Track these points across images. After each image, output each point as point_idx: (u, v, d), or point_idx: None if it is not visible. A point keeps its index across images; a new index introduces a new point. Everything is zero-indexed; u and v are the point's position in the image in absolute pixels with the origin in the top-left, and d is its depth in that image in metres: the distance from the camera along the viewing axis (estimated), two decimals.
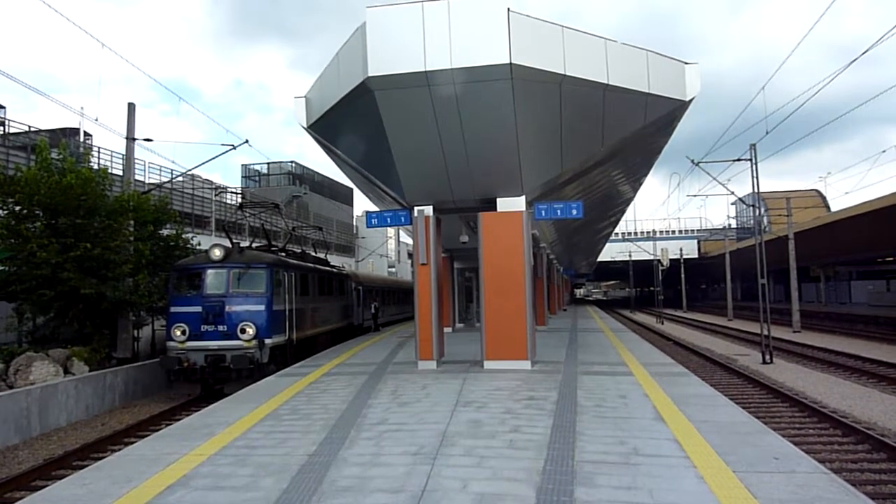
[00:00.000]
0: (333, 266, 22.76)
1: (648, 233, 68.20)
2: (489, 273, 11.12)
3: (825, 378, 15.61)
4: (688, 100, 10.18)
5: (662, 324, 39.41)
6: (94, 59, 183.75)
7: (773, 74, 35.77)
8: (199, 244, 18.49)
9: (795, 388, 14.01)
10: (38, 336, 14.61)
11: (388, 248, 63.84)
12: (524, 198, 11.03)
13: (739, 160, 19.94)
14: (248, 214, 20.79)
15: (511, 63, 8.62)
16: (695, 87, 10.09)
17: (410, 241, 18.19)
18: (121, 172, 18.92)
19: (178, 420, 9.44)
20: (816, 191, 66.17)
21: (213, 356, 12.87)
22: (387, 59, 8.89)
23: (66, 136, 21.92)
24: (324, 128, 11.13)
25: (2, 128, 24.30)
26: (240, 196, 34.89)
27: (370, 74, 8.89)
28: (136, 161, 17.96)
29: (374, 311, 26.12)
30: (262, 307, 13.48)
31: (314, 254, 22.68)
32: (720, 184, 23.26)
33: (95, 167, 16.95)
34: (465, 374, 10.44)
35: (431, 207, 11.44)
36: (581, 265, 52.05)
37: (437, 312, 11.45)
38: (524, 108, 9.27)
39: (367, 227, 12.88)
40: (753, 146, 19.21)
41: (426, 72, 8.80)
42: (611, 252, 56.65)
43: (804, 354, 20.31)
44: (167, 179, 26.00)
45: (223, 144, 17.65)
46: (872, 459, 8.50)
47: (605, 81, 9.39)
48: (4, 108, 25.75)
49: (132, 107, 16.23)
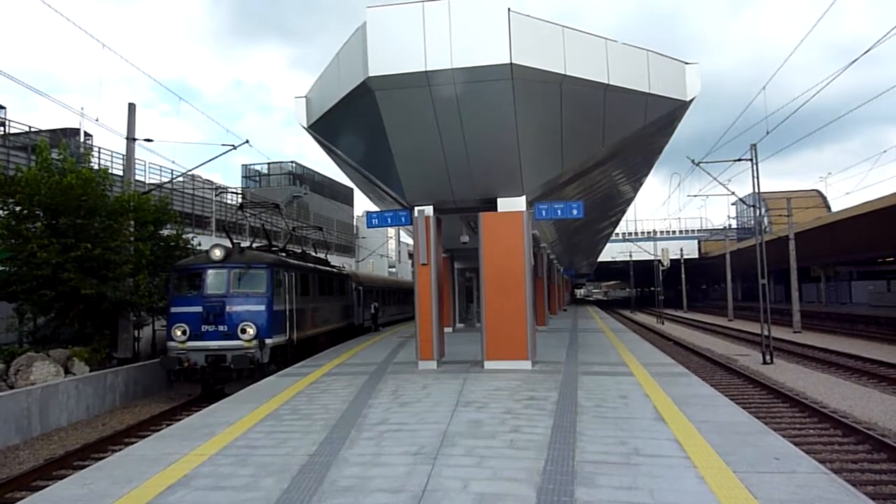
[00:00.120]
0: (334, 266, 22.76)
1: (649, 233, 68.22)
2: (490, 273, 11.12)
3: (825, 378, 15.61)
4: (688, 100, 10.18)
5: (663, 324, 39.40)
6: (95, 60, 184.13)
7: (775, 74, 35.79)
8: (200, 244, 18.50)
9: (796, 389, 14.00)
10: (39, 336, 14.62)
11: (389, 248, 63.85)
12: (524, 198, 11.03)
13: (740, 160, 19.95)
14: (249, 215, 20.79)
15: (511, 63, 8.62)
16: (695, 87, 10.09)
17: (411, 242, 18.19)
18: (121, 173, 18.93)
19: (179, 420, 9.44)
20: (817, 191, 66.14)
21: (214, 356, 12.88)
22: (387, 59, 8.89)
23: (67, 137, 21.92)
24: (324, 128, 11.13)
25: (2, 128, 24.31)
26: (240, 196, 34.89)
27: (370, 74, 8.90)
28: (137, 161, 17.99)
29: (374, 312, 26.05)
30: (263, 307, 13.49)
31: (314, 254, 22.67)
32: (721, 184, 23.23)
33: (96, 167, 16.97)
34: (466, 374, 10.44)
35: (432, 207, 11.44)
36: (581, 265, 52.02)
37: (438, 312, 11.45)
38: (525, 109, 9.27)
39: (368, 228, 12.88)
40: (754, 146, 19.21)
41: (426, 72, 8.81)
42: (611, 252, 56.59)
43: (805, 355, 20.31)
44: (167, 179, 26.04)
45: (223, 144, 17.68)
46: (873, 460, 8.51)
47: (606, 81, 9.39)
48: (5, 109, 25.79)
49: (132, 107, 16.25)
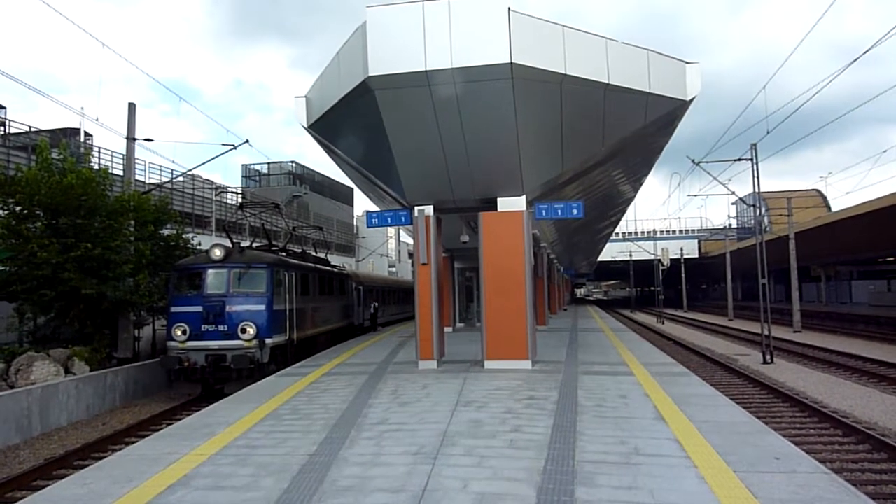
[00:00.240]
0: (334, 266, 22.75)
1: (649, 232, 68.21)
2: (490, 273, 11.11)
3: (826, 378, 15.60)
4: (688, 99, 10.17)
5: (663, 324, 39.39)
6: (95, 59, 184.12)
7: (775, 73, 35.81)
8: (200, 244, 18.50)
9: (796, 388, 14.00)
10: (39, 336, 14.63)
11: (389, 248, 63.85)
12: (525, 197, 11.02)
13: (740, 160, 19.96)
14: (249, 214, 20.80)
15: (511, 63, 8.61)
16: (695, 87, 10.08)
17: (411, 241, 18.18)
18: (121, 172, 18.92)
19: (179, 420, 9.44)
20: (817, 190, 66.12)
21: (214, 356, 12.88)
22: (387, 59, 8.89)
23: (67, 136, 21.91)
24: (324, 127, 11.13)
25: (2, 128, 24.32)
26: (240, 196, 34.89)
27: (370, 74, 8.89)
28: (137, 161, 18.00)
29: (373, 311, 26.02)
30: (263, 307, 13.49)
31: (314, 253, 22.67)
32: (721, 183, 23.19)
33: (96, 167, 16.97)
34: (466, 374, 10.43)
35: (432, 207, 11.44)
36: (581, 265, 52.04)
37: (438, 312, 11.45)
38: (525, 108, 9.26)
39: (368, 227, 12.88)
40: (754, 146, 19.22)
41: (426, 71, 8.80)
42: (611, 252, 56.58)
43: (805, 354, 20.30)
44: (167, 179, 26.01)
45: (223, 144, 17.70)
46: (873, 459, 8.50)
47: (606, 81, 9.38)
48: (5, 109, 25.78)
49: (132, 107, 16.25)
